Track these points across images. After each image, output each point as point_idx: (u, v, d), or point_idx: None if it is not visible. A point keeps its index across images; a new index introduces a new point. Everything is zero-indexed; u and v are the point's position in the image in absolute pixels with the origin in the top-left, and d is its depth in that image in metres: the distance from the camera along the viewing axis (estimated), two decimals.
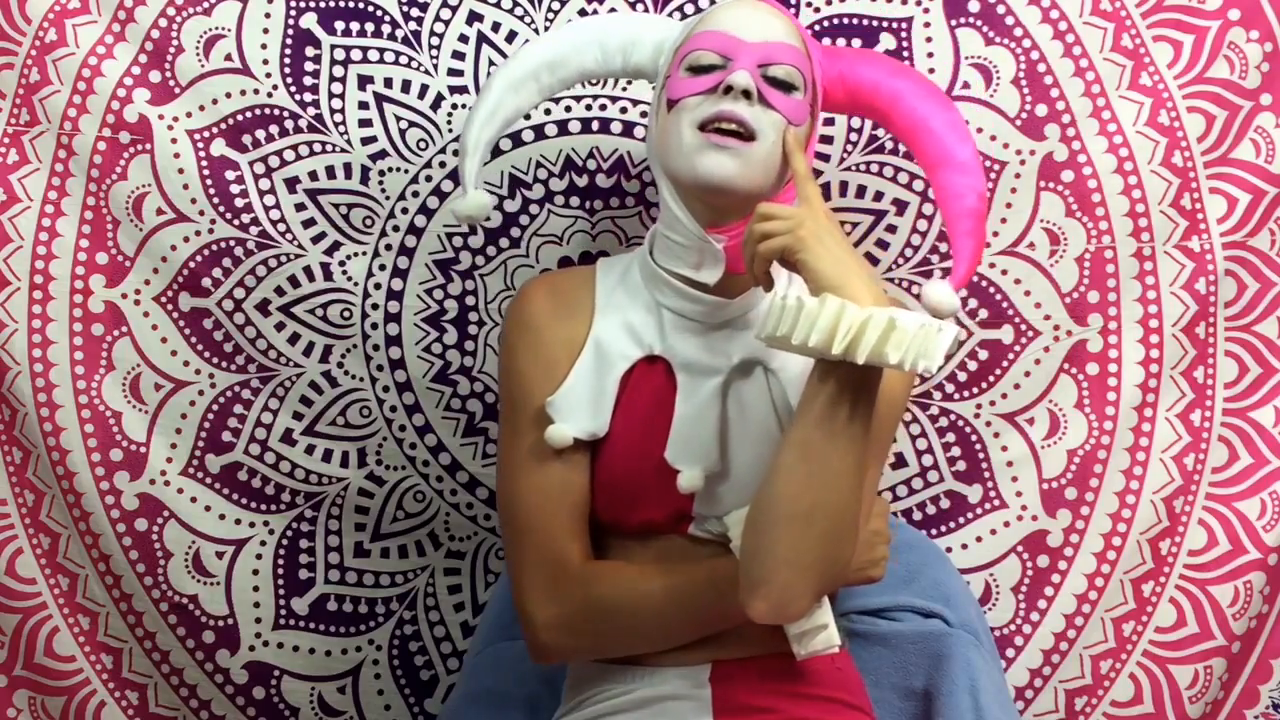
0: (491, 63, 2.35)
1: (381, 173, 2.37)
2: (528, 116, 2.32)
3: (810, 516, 1.66)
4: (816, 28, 2.32)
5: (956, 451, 2.36)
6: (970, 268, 1.88)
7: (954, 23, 2.32)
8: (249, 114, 2.37)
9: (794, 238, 1.67)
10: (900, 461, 2.38)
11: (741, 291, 1.90)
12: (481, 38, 2.36)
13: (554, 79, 2.02)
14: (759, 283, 1.77)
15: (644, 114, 2.33)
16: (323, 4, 2.36)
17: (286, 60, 2.36)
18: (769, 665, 1.88)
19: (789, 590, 1.69)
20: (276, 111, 2.37)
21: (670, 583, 1.83)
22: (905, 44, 2.32)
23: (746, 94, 1.81)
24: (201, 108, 2.37)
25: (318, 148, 2.37)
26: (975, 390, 2.34)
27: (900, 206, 2.34)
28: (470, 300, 2.39)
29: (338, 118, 2.37)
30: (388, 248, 2.38)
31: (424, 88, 2.37)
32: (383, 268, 2.39)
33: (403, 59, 2.36)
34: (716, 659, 1.88)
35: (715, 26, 1.88)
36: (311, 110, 2.37)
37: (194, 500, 2.42)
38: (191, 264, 2.39)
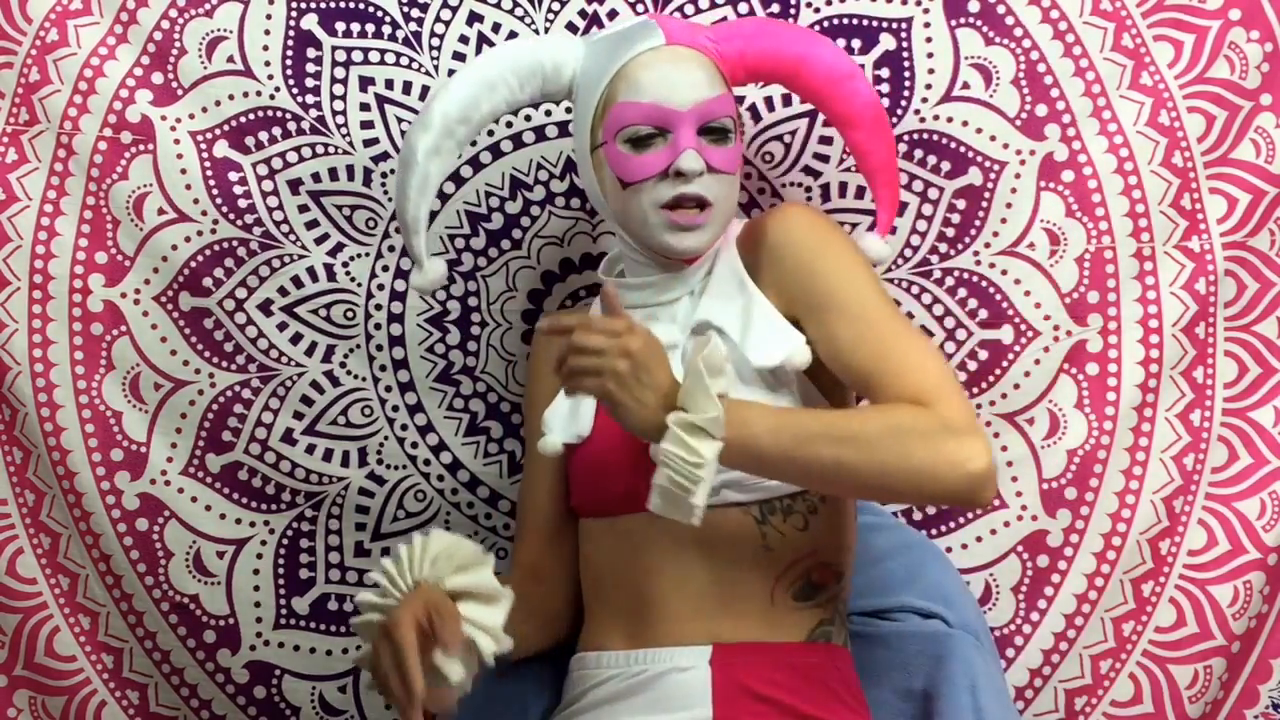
0: None
1: (384, 174, 2.38)
2: (528, 117, 2.35)
3: (882, 472, 1.74)
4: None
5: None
6: (892, 214, 2.18)
7: (954, 23, 2.32)
8: (252, 115, 2.38)
9: (602, 388, 1.72)
10: None
11: (687, 263, 1.99)
12: (482, 38, 2.36)
13: (468, 130, 2.06)
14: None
15: None
16: (323, 5, 2.37)
17: (288, 62, 2.37)
18: (771, 652, 1.90)
19: (964, 478, 1.74)
20: (279, 113, 2.38)
21: None
22: (905, 44, 2.32)
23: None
24: (204, 109, 2.38)
25: (320, 149, 2.38)
26: (975, 390, 2.34)
27: (899, 207, 2.31)
28: (473, 301, 2.39)
29: (339, 119, 2.38)
30: (390, 249, 2.39)
31: (425, 89, 2.37)
32: (385, 268, 2.39)
33: (403, 60, 2.37)
34: (717, 641, 1.89)
35: (643, 96, 1.92)
36: (313, 112, 2.37)
37: (194, 500, 2.42)
38: (193, 264, 2.39)
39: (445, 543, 1.83)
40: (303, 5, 2.37)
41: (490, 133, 2.36)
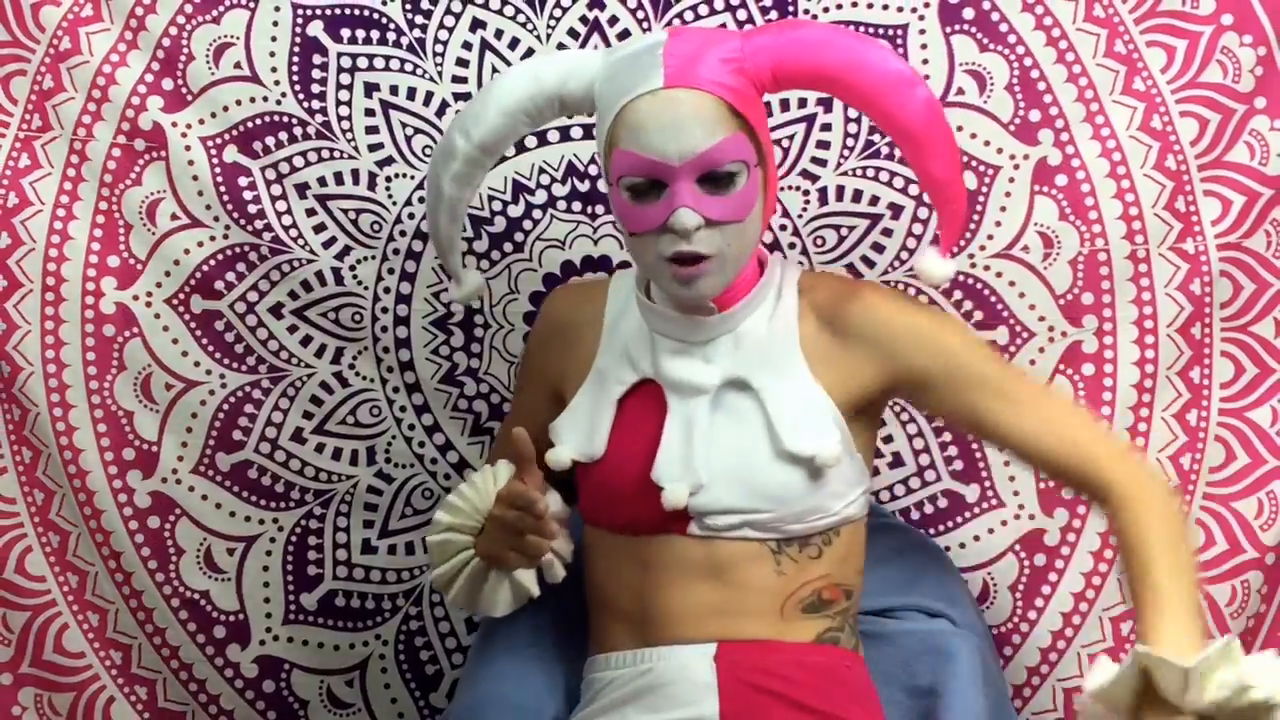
0: (495, 69, 2.37)
1: (388, 179, 2.40)
2: None
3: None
4: None
5: (953, 451, 2.37)
6: (954, 233, 1.98)
7: (948, 30, 2.33)
8: (259, 121, 2.39)
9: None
10: (898, 461, 2.39)
11: (724, 308, 1.95)
12: (485, 45, 2.38)
13: (493, 157, 2.04)
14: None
15: None
16: (329, 12, 2.38)
17: (294, 68, 2.39)
18: (777, 650, 1.92)
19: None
20: (285, 118, 2.39)
21: None
22: (900, 51, 2.32)
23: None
24: (213, 114, 2.40)
25: (326, 154, 2.40)
26: None
27: (895, 211, 2.35)
28: (476, 303, 2.41)
29: (345, 124, 2.40)
30: (395, 252, 2.41)
31: (429, 94, 2.39)
32: (391, 271, 2.41)
33: (408, 66, 2.39)
34: (722, 639, 1.91)
35: (637, 147, 1.84)
36: (319, 117, 2.39)
37: (205, 498, 2.45)
38: (205, 268, 2.42)
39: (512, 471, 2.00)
40: (308, 12, 2.38)
41: None
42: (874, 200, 2.36)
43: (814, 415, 1.92)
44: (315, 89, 2.39)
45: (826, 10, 2.34)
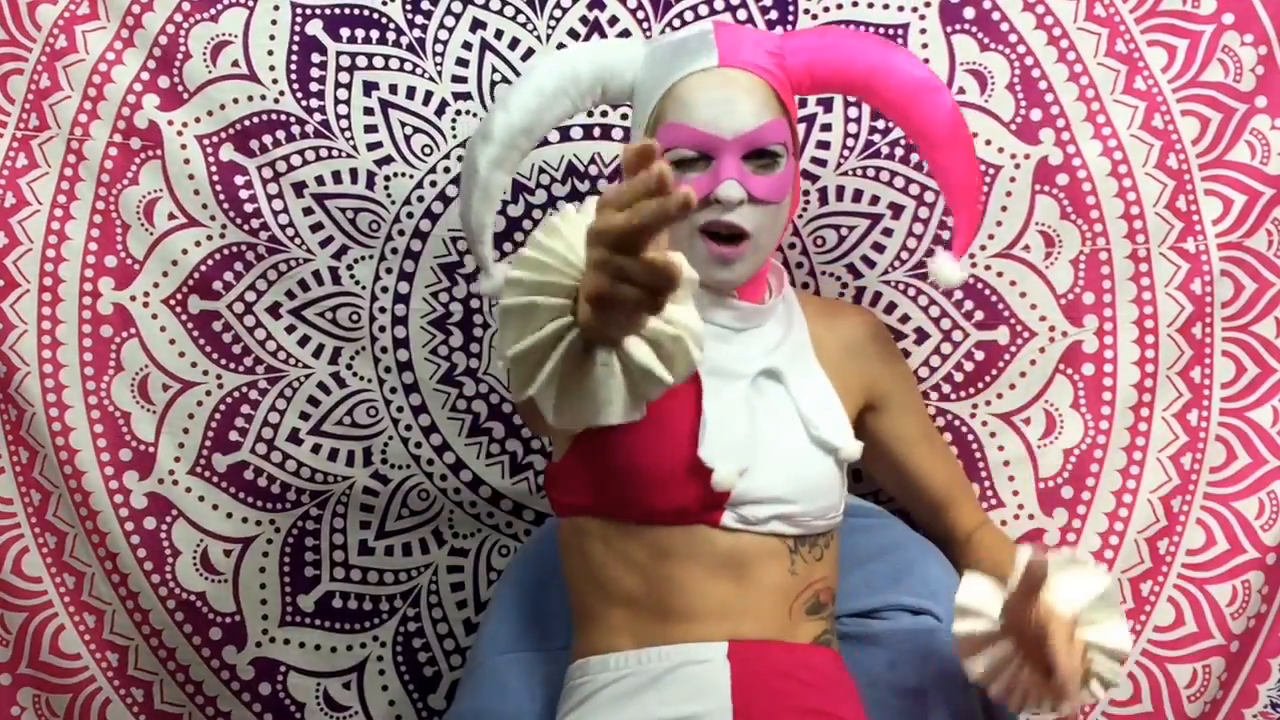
0: (495, 70, 2.37)
1: (387, 178, 2.39)
2: None
3: None
4: None
5: (953, 451, 2.37)
6: (968, 237, 2.07)
7: (949, 29, 2.33)
8: (256, 119, 2.39)
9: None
10: None
11: (746, 299, 1.99)
12: (485, 45, 2.38)
13: (531, 140, 2.02)
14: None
15: None
16: (328, 11, 2.38)
17: (293, 66, 2.38)
18: (786, 650, 1.94)
19: None
20: (283, 117, 2.39)
21: None
22: None
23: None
24: (210, 113, 2.39)
25: (324, 153, 2.39)
26: (971, 390, 2.35)
27: (896, 210, 2.35)
28: (475, 303, 2.41)
29: (344, 123, 2.39)
30: (394, 252, 2.41)
31: (428, 94, 2.39)
32: (389, 271, 2.41)
33: (407, 65, 2.38)
34: (733, 637, 1.91)
35: (690, 120, 1.90)
36: (318, 116, 2.39)
37: (201, 499, 2.44)
38: (203, 268, 2.41)
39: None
40: (308, 11, 2.38)
41: None
42: (874, 200, 2.36)
43: (834, 412, 2.01)
44: (314, 87, 2.39)
45: (827, 10, 2.34)
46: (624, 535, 1.96)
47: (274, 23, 2.38)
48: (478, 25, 2.38)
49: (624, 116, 2.37)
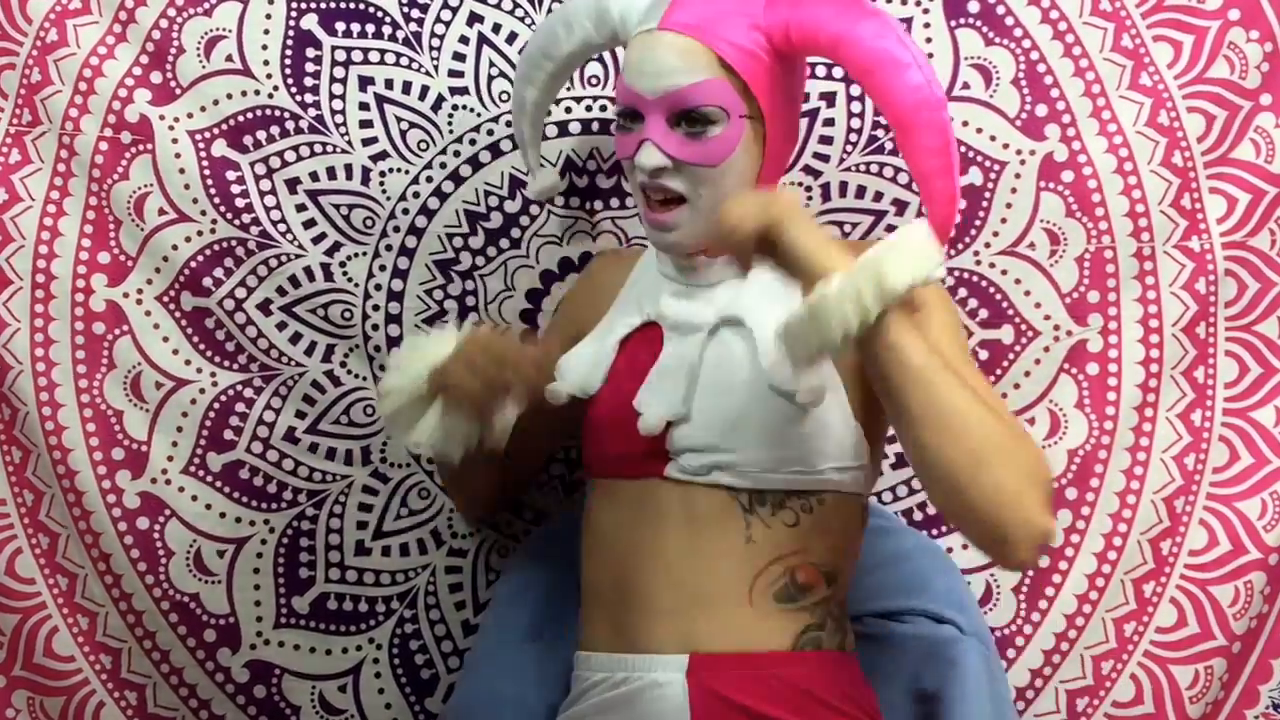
0: (492, 64, 2.36)
1: (382, 174, 2.38)
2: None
3: (978, 459, 1.64)
4: None
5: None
6: (940, 230, 1.83)
7: (954, 23, 2.32)
8: (250, 115, 2.37)
9: (770, 215, 1.70)
10: (900, 461, 2.37)
11: (716, 255, 1.98)
12: (482, 39, 2.36)
13: (554, 65, 2.13)
14: (743, 267, 1.78)
15: None
16: (323, 5, 2.37)
17: (287, 61, 2.37)
18: (753, 663, 1.88)
19: (1026, 526, 1.64)
20: (277, 112, 2.37)
21: None
22: None
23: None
24: (203, 108, 2.38)
25: (318, 148, 2.38)
26: None
27: (900, 206, 2.34)
28: (470, 301, 2.39)
29: (338, 119, 2.38)
30: (388, 248, 2.39)
31: (424, 89, 2.37)
32: (383, 268, 2.39)
33: (403, 60, 2.37)
34: (694, 650, 1.88)
35: (625, 76, 1.95)
36: (312, 111, 2.37)
37: (195, 499, 2.42)
38: (193, 264, 2.39)
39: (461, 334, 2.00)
40: (303, 5, 2.36)
41: (490, 131, 2.36)
42: (878, 196, 2.35)
43: None
44: (309, 82, 2.38)
45: None
46: (604, 492, 2.03)
47: (268, 17, 2.37)
48: (474, 19, 2.38)
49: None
